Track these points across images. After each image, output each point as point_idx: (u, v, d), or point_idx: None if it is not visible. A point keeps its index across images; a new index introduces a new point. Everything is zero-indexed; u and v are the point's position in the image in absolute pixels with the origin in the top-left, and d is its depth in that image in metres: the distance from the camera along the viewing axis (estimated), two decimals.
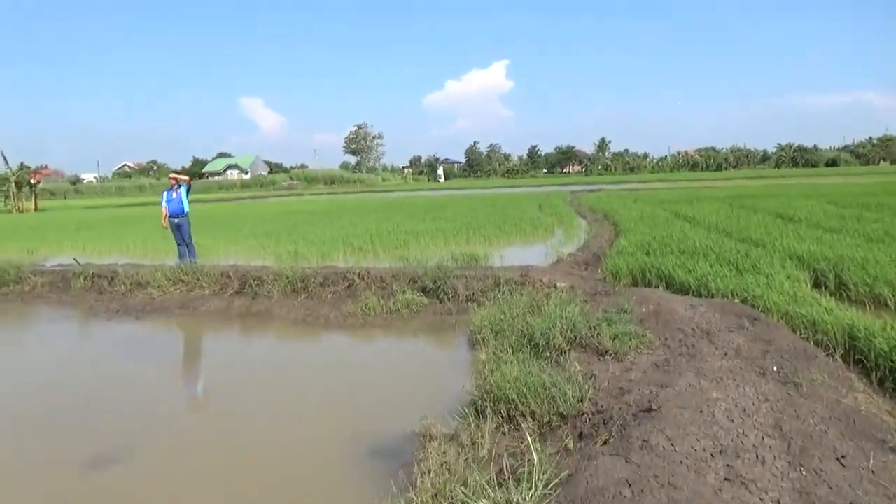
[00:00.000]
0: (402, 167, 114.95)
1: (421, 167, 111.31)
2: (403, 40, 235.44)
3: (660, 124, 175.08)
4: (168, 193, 11.61)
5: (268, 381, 6.50)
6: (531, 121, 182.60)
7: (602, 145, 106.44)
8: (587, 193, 34.04)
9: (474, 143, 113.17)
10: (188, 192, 11.72)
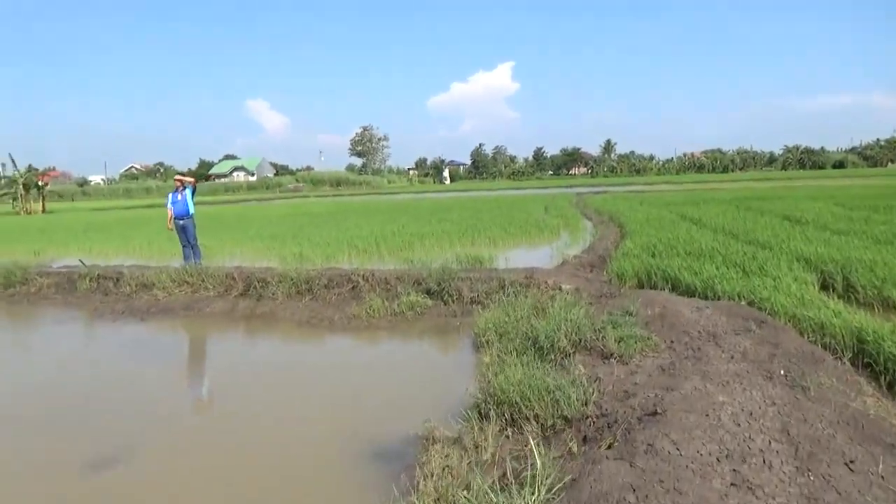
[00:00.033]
0: (408, 169, 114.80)
1: (426, 169, 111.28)
2: (408, 42, 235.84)
3: (666, 126, 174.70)
4: (173, 195, 11.64)
5: (271, 382, 6.49)
6: (537, 123, 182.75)
7: (608, 147, 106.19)
8: (593, 195, 33.97)
9: (480, 145, 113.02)
10: (193, 193, 11.75)
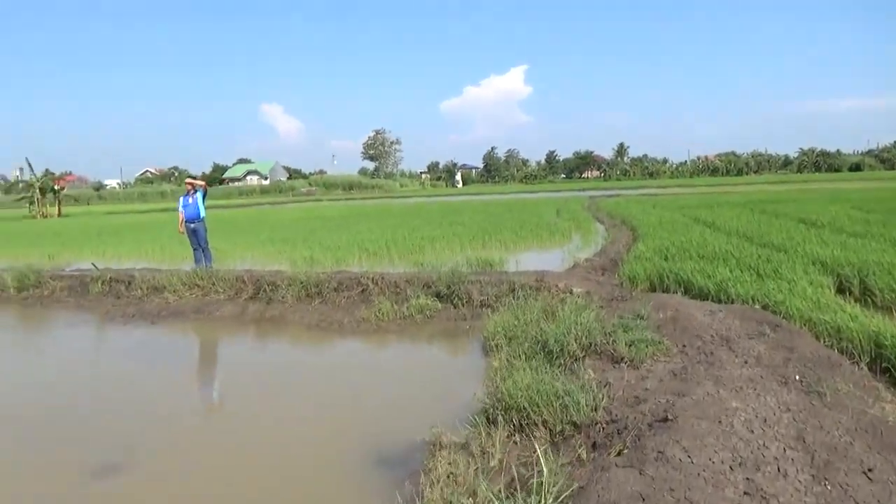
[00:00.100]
0: (420, 173, 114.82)
1: (439, 173, 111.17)
2: (421, 47, 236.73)
3: (679, 129, 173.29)
4: (184, 199, 11.68)
5: (279, 386, 6.47)
6: (549, 126, 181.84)
7: (621, 150, 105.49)
8: (605, 198, 33.75)
9: (492, 148, 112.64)
10: (204, 197, 11.77)
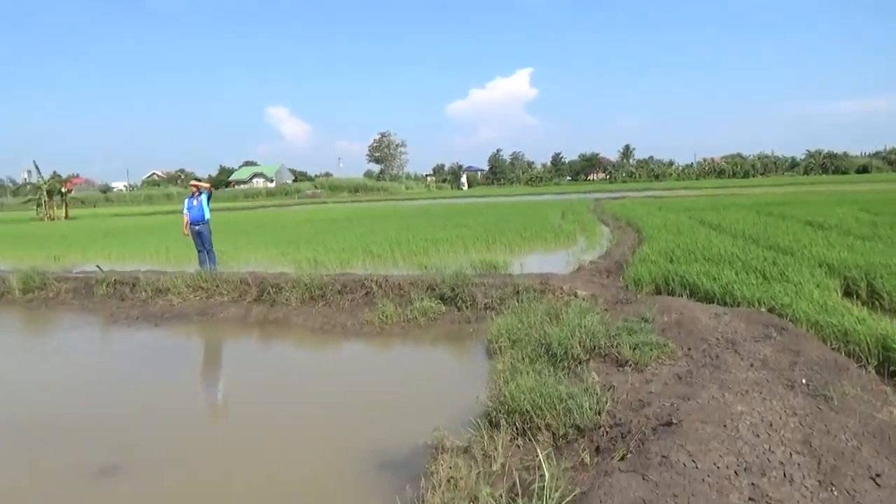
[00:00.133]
0: (426, 175, 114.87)
1: (444, 175, 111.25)
2: (426, 49, 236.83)
3: (685, 131, 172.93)
4: (189, 201, 11.68)
5: (281, 389, 6.45)
6: (555, 128, 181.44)
7: (626, 152, 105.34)
8: (611, 201, 33.66)
9: (497, 150, 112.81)
10: (209, 199, 11.77)
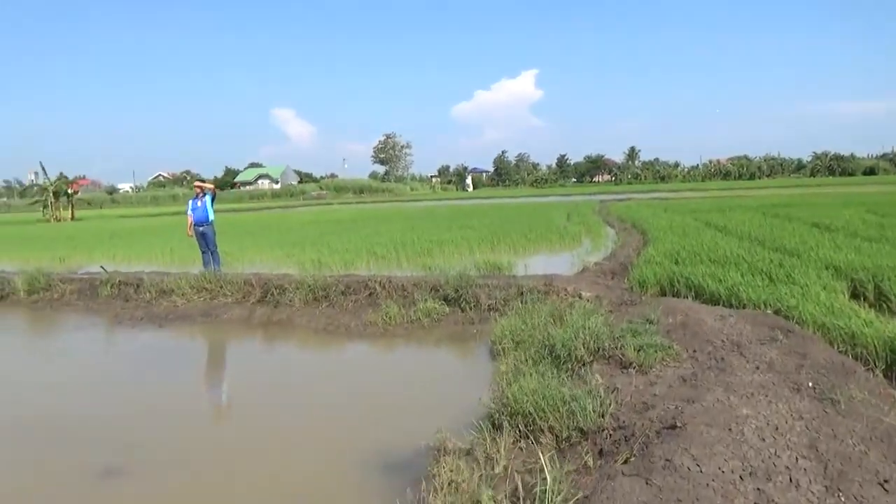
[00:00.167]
0: (431, 176, 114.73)
1: (449, 176, 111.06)
2: (432, 50, 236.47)
3: (691, 133, 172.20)
4: (193, 202, 11.69)
5: (284, 390, 6.44)
6: (560, 130, 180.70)
7: (632, 154, 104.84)
8: (616, 202, 33.54)
9: (502, 152, 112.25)
10: (213, 200, 11.77)
